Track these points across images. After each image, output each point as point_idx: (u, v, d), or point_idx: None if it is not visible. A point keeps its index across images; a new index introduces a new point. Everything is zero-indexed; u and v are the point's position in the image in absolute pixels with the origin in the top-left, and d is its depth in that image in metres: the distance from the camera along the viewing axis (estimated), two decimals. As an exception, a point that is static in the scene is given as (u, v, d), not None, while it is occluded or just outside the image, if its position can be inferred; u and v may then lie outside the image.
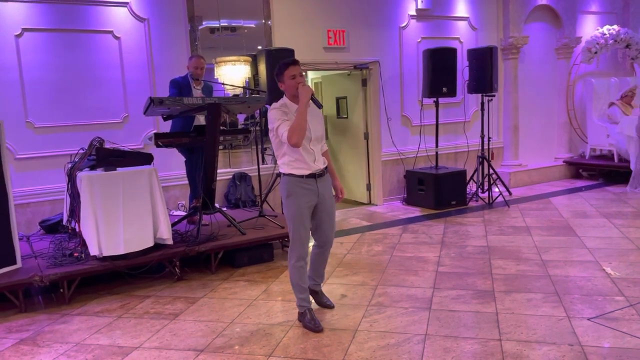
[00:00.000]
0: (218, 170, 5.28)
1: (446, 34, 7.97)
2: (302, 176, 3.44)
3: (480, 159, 7.57)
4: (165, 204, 4.69)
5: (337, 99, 8.02)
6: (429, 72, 7.13)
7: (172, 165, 6.03)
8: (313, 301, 3.87)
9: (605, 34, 8.88)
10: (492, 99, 7.48)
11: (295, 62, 3.43)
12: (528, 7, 8.40)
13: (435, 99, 7.33)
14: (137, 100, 5.85)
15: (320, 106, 3.52)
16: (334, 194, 3.71)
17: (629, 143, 8.01)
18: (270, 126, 3.42)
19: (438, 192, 7.12)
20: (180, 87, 5.22)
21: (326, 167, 3.59)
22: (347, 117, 7.88)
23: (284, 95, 3.50)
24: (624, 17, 9.59)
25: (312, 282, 3.85)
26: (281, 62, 3.45)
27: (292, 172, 3.44)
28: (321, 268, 3.85)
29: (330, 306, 3.89)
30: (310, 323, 3.55)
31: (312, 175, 3.46)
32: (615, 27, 9.01)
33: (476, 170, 7.72)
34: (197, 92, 5.31)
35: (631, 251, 4.92)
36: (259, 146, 6.33)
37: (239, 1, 6.47)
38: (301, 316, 3.63)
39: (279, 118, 3.36)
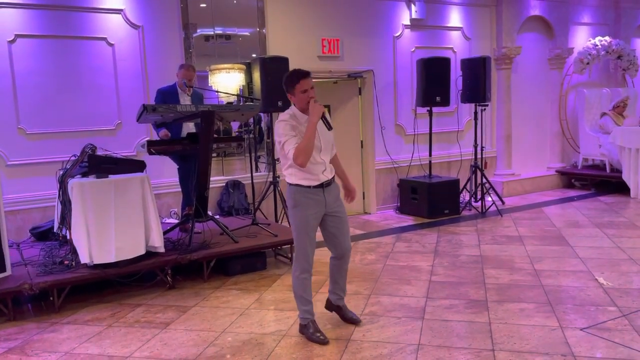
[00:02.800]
0: (211, 178, 5.26)
1: (440, 43, 8.01)
2: (309, 187, 3.33)
3: (474, 168, 7.59)
4: (158, 211, 4.66)
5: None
6: (422, 82, 7.16)
7: (165, 172, 6.00)
8: (338, 316, 3.76)
9: (597, 45, 8.96)
10: (485, 109, 7.52)
11: (307, 75, 3.25)
12: (521, 18, 8.47)
13: (428, 108, 7.35)
14: (130, 107, 5.82)
15: (330, 128, 3.34)
16: (343, 197, 3.59)
17: (620, 153, 8.06)
18: (277, 139, 3.28)
19: (431, 201, 7.12)
20: (164, 96, 5.23)
21: (334, 177, 3.49)
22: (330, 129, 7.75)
23: (293, 105, 3.37)
24: (616, 28, 9.69)
25: (334, 297, 3.74)
26: (292, 72, 3.27)
27: (300, 183, 3.33)
28: (341, 280, 3.68)
29: (356, 321, 3.71)
30: (314, 336, 3.45)
31: (319, 186, 3.35)
32: (607, 38, 9.10)
33: (469, 179, 7.74)
34: (186, 99, 5.31)
35: (623, 261, 4.94)
36: (253, 154, 6.31)
37: (234, 9, 6.48)
38: (304, 328, 3.53)
39: (287, 134, 3.21)
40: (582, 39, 9.28)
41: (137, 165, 4.68)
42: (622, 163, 8.03)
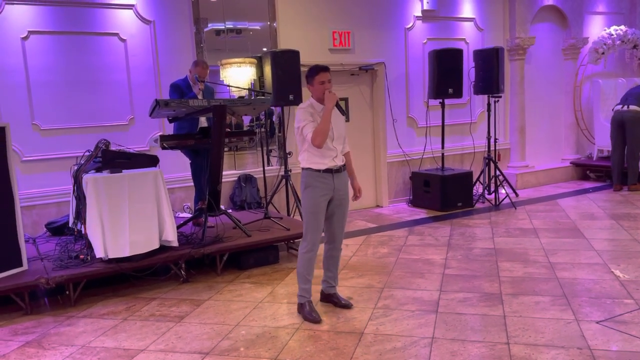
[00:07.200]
0: (223, 172, 5.27)
1: (452, 35, 7.94)
2: (319, 170, 3.65)
3: (487, 161, 7.53)
4: (171, 206, 4.68)
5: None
6: (434, 73, 7.10)
7: (178, 167, 6.02)
8: (330, 304, 3.96)
9: (612, 35, 8.82)
10: (498, 100, 7.45)
11: (326, 69, 3.66)
12: (534, 8, 8.36)
13: (441, 100, 7.29)
14: (142, 102, 5.86)
15: (343, 113, 3.75)
16: (351, 195, 3.88)
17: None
18: (296, 125, 3.67)
19: (444, 193, 7.08)
20: (181, 90, 5.22)
21: (344, 165, 3.77)
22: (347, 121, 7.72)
23: (311, 96, 3.72)
24: (631, 17, 9.53)
25: (326, 285, 3.98)
26: (313, 66, 3.69)
27: (311, 167, 3.67)
28: (333, 269, 3.92)
29: (348, 306, 3.91)
30: (309, 315, 3.70)
31: (328, 171, 3.65)
32: (623, 27, 8.95)
33: (482, 171, 7.68)
34: (198, 94, 5.32)
35: (640, 253, 4.88)
36: (265, 148, 6.32)
37: (244, 3, 6.47)
38: (300, 307, 3.78)
39: (305, 119, 3.61)
40: (597, 28, 9.14)
41: (150, 160, 4.70)
42: None
